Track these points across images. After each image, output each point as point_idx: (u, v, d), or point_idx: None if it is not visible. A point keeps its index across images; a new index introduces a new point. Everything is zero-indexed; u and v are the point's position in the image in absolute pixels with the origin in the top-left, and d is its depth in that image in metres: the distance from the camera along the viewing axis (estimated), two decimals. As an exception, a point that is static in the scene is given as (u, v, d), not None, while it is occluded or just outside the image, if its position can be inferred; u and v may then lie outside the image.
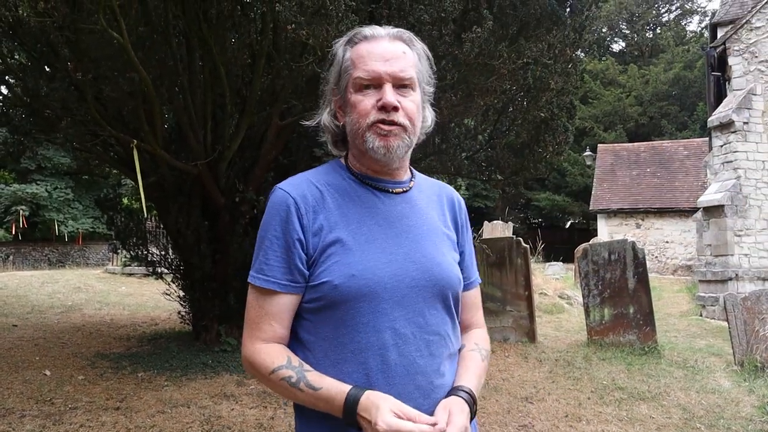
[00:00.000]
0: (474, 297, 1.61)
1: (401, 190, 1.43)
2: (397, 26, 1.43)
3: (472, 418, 1.35)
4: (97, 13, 4.51)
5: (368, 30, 1.39)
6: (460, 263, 1.52)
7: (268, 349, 1.34)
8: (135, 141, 5.79)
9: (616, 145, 26.74)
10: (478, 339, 1.56)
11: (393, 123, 1.32)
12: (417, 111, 1.37)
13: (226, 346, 6.97)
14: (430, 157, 7.45)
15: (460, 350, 1.50)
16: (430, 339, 1.36)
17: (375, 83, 1.33)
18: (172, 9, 5.44)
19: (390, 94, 1.31)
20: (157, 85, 5.62)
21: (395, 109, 1.32)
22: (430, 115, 1.46)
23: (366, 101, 1.33)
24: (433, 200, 1.51)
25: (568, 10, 6.27)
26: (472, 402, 1.37)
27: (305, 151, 6.77)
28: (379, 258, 1.33)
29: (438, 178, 2.42)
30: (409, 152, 1.41)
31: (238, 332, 7.29)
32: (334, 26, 4.38)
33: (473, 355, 1.50)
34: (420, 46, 1.43)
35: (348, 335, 1.31)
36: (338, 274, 1.29)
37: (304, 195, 1.37)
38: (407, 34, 1.42)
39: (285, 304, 1.35)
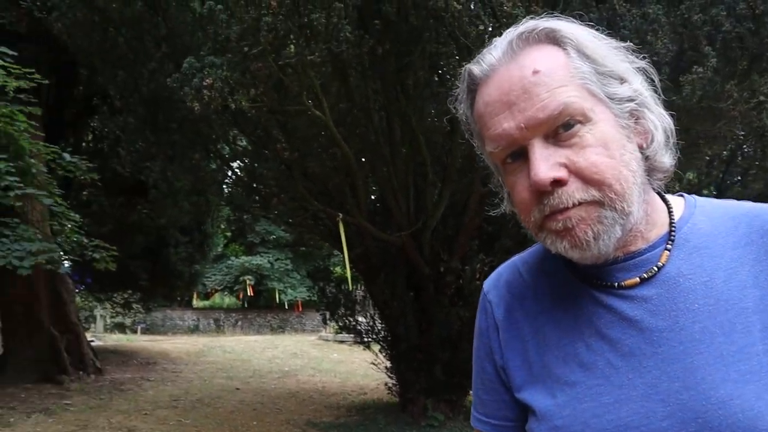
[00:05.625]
0: None
1: (637, 280, 0.81)
2: None
3: None
4: (300, 95, 4.72)
5: (477, 67, 0.82)
6: None
7: None
8: (340, 214, 5.94)
9: None
10: None
11: (566, 209, 0.76)
12: (608, 152, 0.76)
13: (432, 420, 6.71)
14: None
15: None
16: None
17: (514, 149, 0.79)
18: (371, 84, 5.57)
19: (539, 166, 0.76)
20: (359, 159, 5.76)
21: (558, 183, 0.76)
22: (654, 124, 0.81)
23: (519, 186, 0.81)
24: (735, 253, 0.81)
25: (811, 36, 5.37)
26: None
27: (510, 218, 6.47)
28: (599, 397, 0.80)
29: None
30: (632, 218, 0.79)
31: (445, 407, 7.02)
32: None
33: None
34: (572, 33, 0.80)
35: None
36: (537, 422, 0.85)
37: (500, 290, 0.96)
38: (541, 24, 0.80)
39: None
